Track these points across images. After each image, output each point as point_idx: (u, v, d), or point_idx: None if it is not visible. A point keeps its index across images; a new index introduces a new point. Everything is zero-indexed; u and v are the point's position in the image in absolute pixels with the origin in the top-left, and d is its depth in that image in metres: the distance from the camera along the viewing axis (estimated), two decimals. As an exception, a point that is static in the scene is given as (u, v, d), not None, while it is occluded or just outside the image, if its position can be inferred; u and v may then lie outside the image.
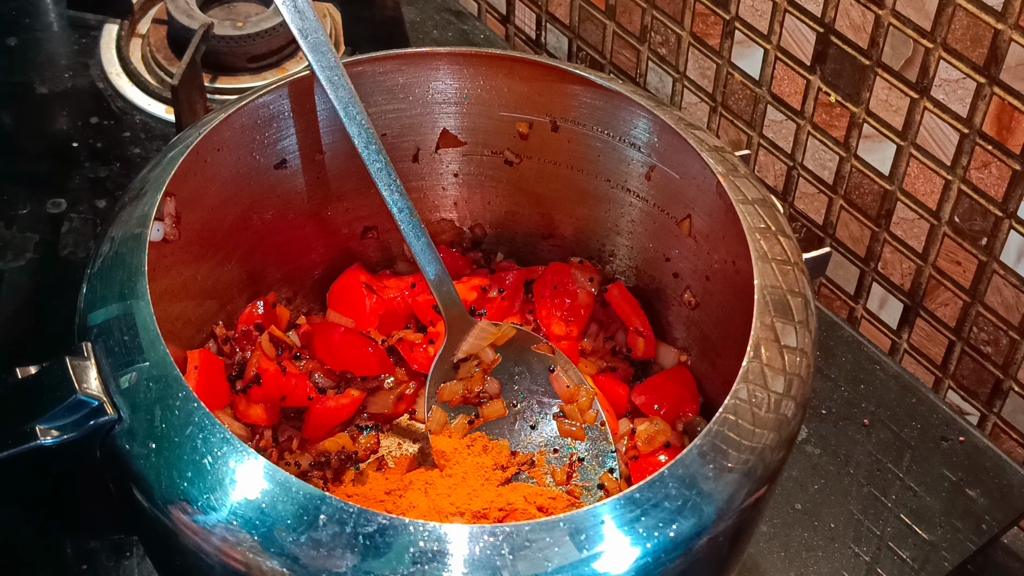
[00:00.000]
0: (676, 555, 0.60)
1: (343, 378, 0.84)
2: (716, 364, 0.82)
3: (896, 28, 0.89)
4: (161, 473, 0.61)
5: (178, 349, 0.77)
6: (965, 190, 0.91)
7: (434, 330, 0.85)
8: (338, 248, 0.88)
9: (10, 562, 0.83)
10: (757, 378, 0.65)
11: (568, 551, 0.58)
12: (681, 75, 1.09)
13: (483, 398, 0.82)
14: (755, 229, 0.71)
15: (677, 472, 0.61)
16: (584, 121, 0.82)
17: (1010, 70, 0.84)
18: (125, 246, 0.69)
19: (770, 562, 0.85)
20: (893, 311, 1.02)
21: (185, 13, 1.10)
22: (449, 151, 0.86)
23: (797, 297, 0.69)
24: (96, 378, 0.64)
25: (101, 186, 1.05)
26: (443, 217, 0.89)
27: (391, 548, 0.57)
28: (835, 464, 0.90)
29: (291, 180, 0.83)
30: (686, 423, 0.81)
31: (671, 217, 0.82)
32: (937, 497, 0.89)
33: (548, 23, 1.21)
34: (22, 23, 1.19)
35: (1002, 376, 0.96)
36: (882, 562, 0.85)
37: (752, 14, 0.99)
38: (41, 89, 1.13)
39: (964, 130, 0.89)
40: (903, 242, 0.98)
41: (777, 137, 1.03)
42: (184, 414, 0.61)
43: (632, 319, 0.86)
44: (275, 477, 0.59)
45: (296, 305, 0.88)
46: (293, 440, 0.81)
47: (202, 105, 1.04)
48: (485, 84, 0.83)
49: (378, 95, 0.82)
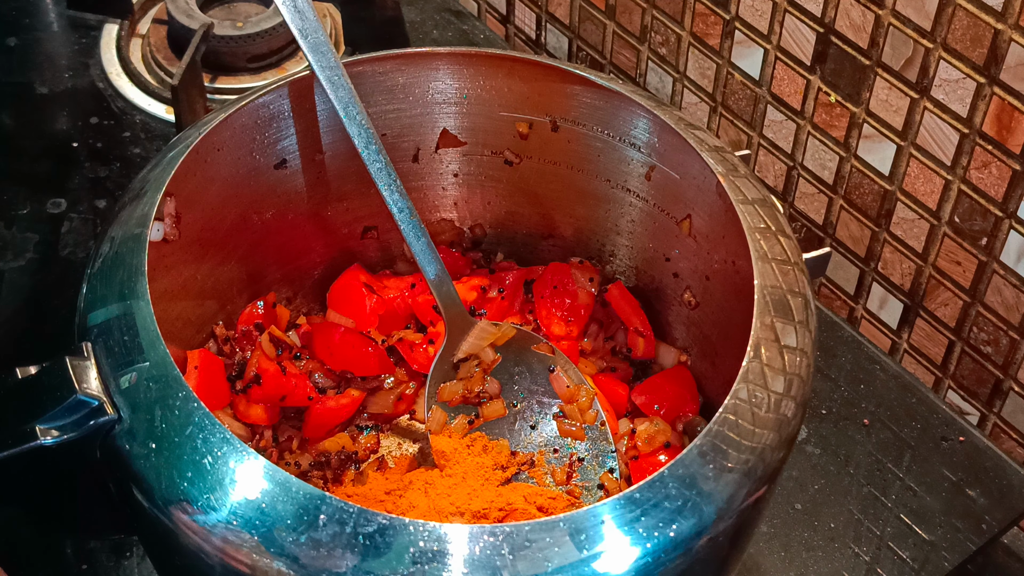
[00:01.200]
0: (676, 555, 0.60)
1: (343, 378, 0.84)
2: (716, 364, 0.82)
3: (896, 28, 0.89)
4: (161, 473, 0.61)
5: (178, 349, 0.77)
6: (965, 190, 0.91)
7: (434, 330, 0.85)
8: (338, 248, 0.88)
9: (10, 562, 0.83)
10: (757, 378, 0.65)
11: (568, 551, 0.58)
12: (681, 75, 1.09)
13: (483, 398, 0.82)
14: (755, 229, 0.71)
15: (677, 472, 0.61)
16: (584, 121, 0.82)
17: (1010, 70, 0.84)
18: (125, 246, 0.69)
19: (770, 562, 0.85)
20: (893, 311, 1.02)
21: (185, 13, 1.10)
22: (449, 151, 0.86)
23: (797, 297, 0.69)
24: (96, 378, 0.64)
25: (101, 186, 1.05)
26: (443, 217, 0.89)
27: (391, 548, 0.57)
28: (835, 464, 0.90)
29: (291, 180, 0.83)
30: (686, 423, 0.81)
31: (671, 217, 0.82)
32: (937, 497, 0.89)
33: (548, 23, 1.21)
34: (22, 23, 1.19)
35: (1002, 376, 0.96)
36: (882, 562, 0.85)
37: (752, 14, 0.99)
38: (41, 89, 1.13)
39: (964, 130, 0.89)
40: (903, 242, 0.98)
41: (777, 137, 1.03)
42: (184, 414, 0.61)
43: (632, 319, 0.86)
44: (275, 477, 0.59)
45: (296, 305, 0.88)
46: (293, 440, 0.81)
47: (202, 105, 1.04)
48: (485, 84, 0.83)
49: (378, 95, 0.82)
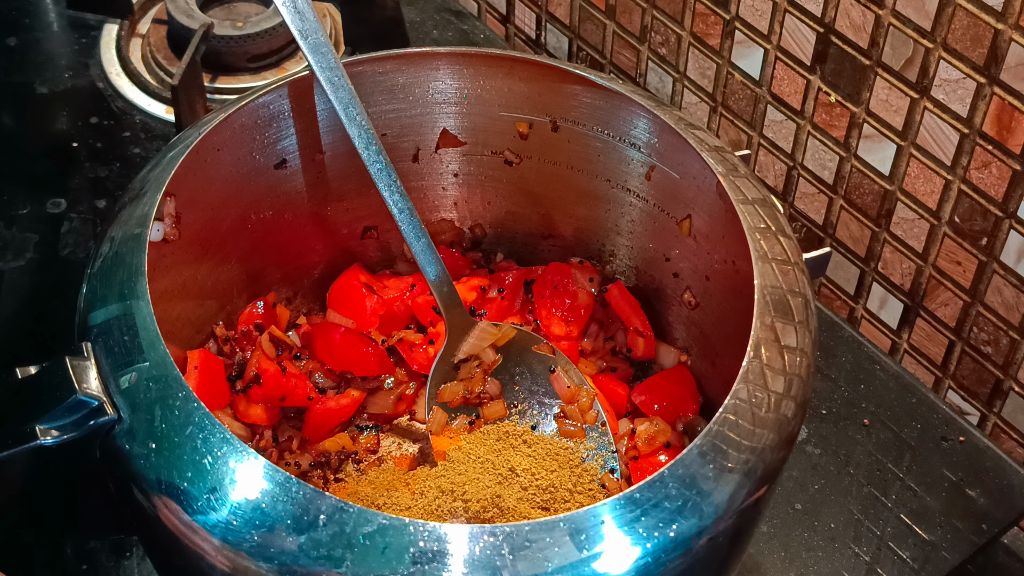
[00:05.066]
0: (676, 555, 0.60)
1: (343, 378, 0.84)
2: (716, 364, 0.82)
3: (896, 28, 0.89)
4: (161, 473, 0.61)
5: (178, 349, 0.77)
6: (965, 190, 0.91)
7: (434, 331, 0.85)
8: (338, 248, 0.88)
9: (10, 562, 0.83)
10: (757, 378, 0.65)
11: (568, 551, 0.58)
12: (681, 75, 1.09)
13: (484, 399, 0.82)
14: (755, 229, 0.71)
15: (677, 472, 0.61)
16: (584, 121, 0.82)
17: (1010, 70, 0.84)
18: (125, 246, 0.69)
19: (770, 562, 0.85)
20: (893, 311, 1.02)
21: (185, 13, 1.10)
22: (449, 151, 0.86)
23: (797, 297, 0.69)
24: (96, 378, 0.64)
25: (101, 186, 1.05)
26: (443, 217, 0.89)
27: (391, 548, 0.57)
28: (835, 464, 0.90)
29: (291, 180, 0.83)
30: (686, 423, 0.81)
31: (671, 217, 0.82)
32: (937, 497, 0.89)
33: (548, 23, 1.21)
34: (22, 23, 1.19)
35: (1002, 376, 0.96)
36: (882, 562, 0.85)
37: (752, 14, 0.99)
38: (41, 89, 1.13)
39: (964, 130, 0.89)
40: (903, 242, 0.98)
41: (777, 137, 1.03)
42: (184, 414, 0.61)
43: (632, 319, 0.86)
44: (275, 477, 0.59)
45: (296, 305, 0.88)
46: (293, 440, 0.81)
47: (202, 105, 1.04)
48: (485, 84, 0.83)
49: (378, 95, 0.82)
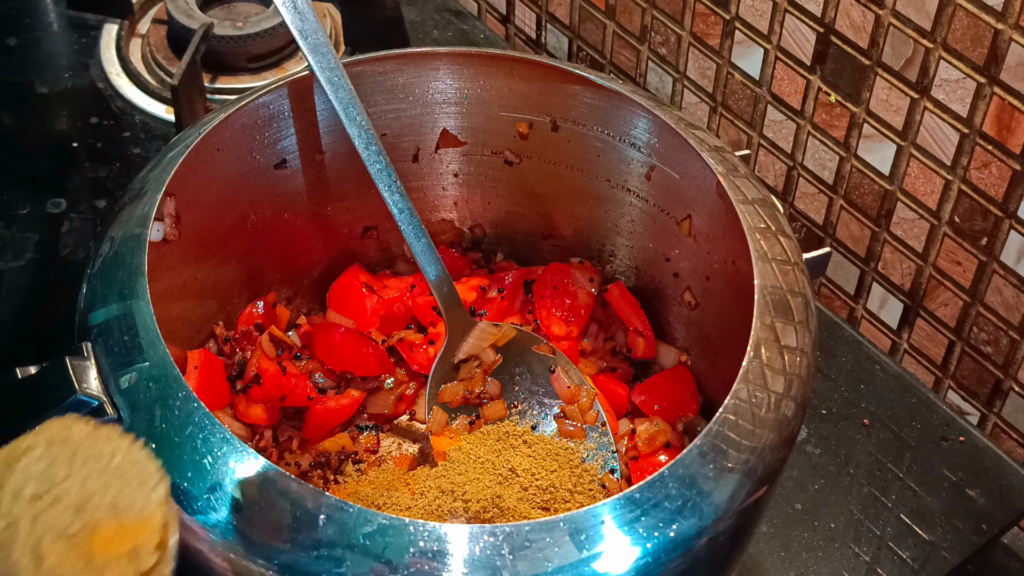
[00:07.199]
0: (676, 555, 0.60)
1: (343, 378, 0.84)
2: (716, 364, 0.82)
3: (896, 28, 0.89)
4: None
5: (178, 349, 0.77)
6: (965, 190, 0.91)
7: (434, 331, 0.85)
8: (338, 248, 0.88)
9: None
10: (757, 378, 0.65)
11: (568, 551, 0.58)
12: (681, 75, 1.09)
13: (484, 399, 0.82)
14: (755, 229, 0.71)
15: (677, 472, 0.61)
16: (584, 121, 0.82)
17: (1010, 70, 0.84)
18: (125, 246, 0.69)
19: (770, 562, 0.85)
20: (893, 311, 1.02)
21: (185, 13, 1.10)
22: (449, 151, 0.86)
23: (797, 297, 0.69)
24: (96, 378, 0.64)
25: (101, 186, 1.05)
26: (443, 217, 0.89)
27: (391, 548, 0.57)
28: (835, 464, 0.90)
29: (291, 180, 0.83)
30: (686, 423, 0.81)
31: (671, 217, 0.82)
32: (937, 497, 0.89)
33: (548, 23, 1.21)
34: (22, 23, 1.19)
35: (1002, 376, 0.96)
36: (882, 562, 0.85)
37: (752, 14, 0.99)
38: (41, 89, 1.13)
39: (964, 130, 0.89)
40: (903, 242, 0.98)
41: (777, 137, 1.03)
42: (184, 414, 0.61)
43: (632, 319, 0.86)
44: (275, 477, 0.59)
45: (296, 305, 0.88)
46: (293, 440, 0.81)
47: (202, 105, 1.04)
48: (485, 84, 0.83)
49: (378, 95, 0.82)
